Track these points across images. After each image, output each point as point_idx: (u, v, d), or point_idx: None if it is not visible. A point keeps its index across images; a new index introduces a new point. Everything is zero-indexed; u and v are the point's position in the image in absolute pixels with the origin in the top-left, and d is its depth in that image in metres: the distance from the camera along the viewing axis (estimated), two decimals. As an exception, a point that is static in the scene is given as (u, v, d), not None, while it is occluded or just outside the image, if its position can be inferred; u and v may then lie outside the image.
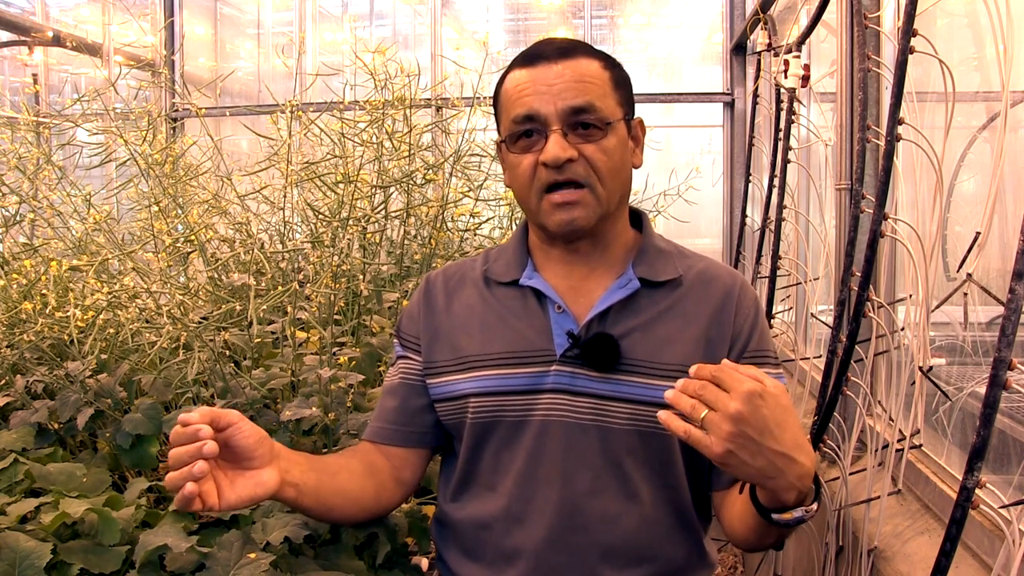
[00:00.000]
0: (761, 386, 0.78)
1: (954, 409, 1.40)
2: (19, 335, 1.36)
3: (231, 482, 0.87)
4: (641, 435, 1.00)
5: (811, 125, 2.45)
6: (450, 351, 1.07)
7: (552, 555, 1.00)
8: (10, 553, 0.91)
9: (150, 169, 1.71)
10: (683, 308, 1.04)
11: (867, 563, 1.42)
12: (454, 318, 1.09)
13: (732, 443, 0.78)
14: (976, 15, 1.46)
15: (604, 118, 0.98)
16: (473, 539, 1.06)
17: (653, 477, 1.02)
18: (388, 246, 1.92)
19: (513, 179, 1.04)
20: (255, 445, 0.88)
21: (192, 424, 0.83)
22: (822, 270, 2.20)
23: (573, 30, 4.33)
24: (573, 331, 1.01)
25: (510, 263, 1.09)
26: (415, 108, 1.87)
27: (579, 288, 1.05)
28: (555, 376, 1.01)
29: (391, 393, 1.13)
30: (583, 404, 1.01)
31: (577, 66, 0.99)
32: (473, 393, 1.04)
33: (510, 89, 1.02)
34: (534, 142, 0.99)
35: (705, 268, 1.08)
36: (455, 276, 1.13)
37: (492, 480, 1.05)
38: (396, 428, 1.11)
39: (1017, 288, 0.94)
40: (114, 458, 1.32)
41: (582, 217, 0.99)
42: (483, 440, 1.05)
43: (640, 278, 1.04)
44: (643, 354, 1.01)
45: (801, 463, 0.81)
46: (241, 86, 4.71)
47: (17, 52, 4.07)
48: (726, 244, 3.96)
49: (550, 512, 1.00)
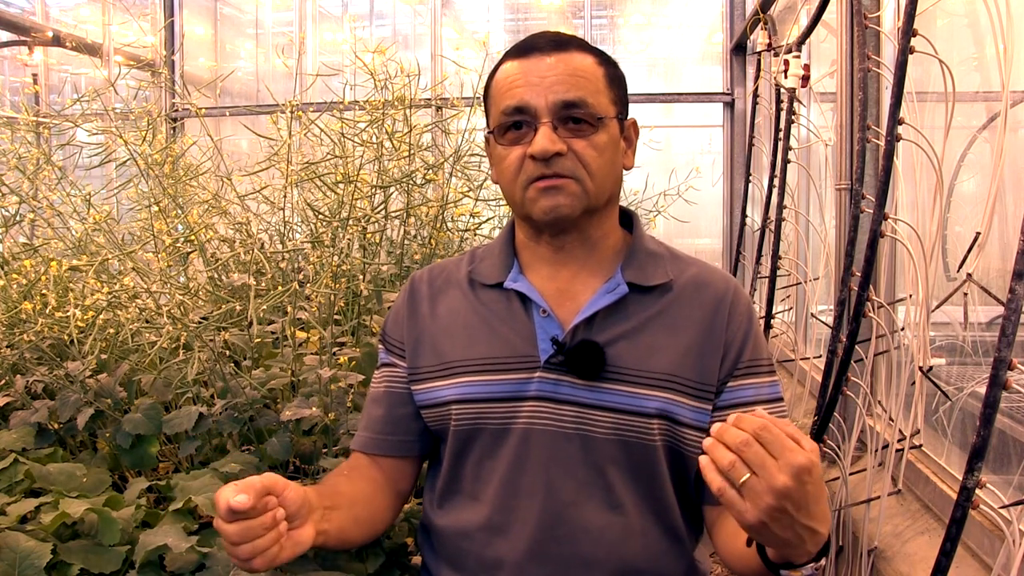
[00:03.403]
0: (810, 460, 0.70)
1: (954, 409, 1.40)
2: (19, 335, 1.36)
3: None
4: (625, 444, 0.97)
5: (811, 125, 2.45)
6: (433, 356, 1.05)
7: (534, 566, 0.97)
8: (10, 553, 0.92)
9: (150, 169, 1.71)
10: (673, 315, 1.00)
11: (867, 563, 1.42)
12: (438, 321, 1.06)
13: (769, 516, 0.71)
14: (976, 15, 1.46)
15: (595, 114, 0.96)
16: (455, 548, 1.03)
17: (638, 488, 0.99)
18: (388, 246, 1.92)
19: (500, 172, 1.01)
20: (299, 508, 0.88)
21: (246, 502, 0.80)
22: (822, 270, 2.20)
23: (573, 30, 4.33)
24: (558, 337, 0.98)
25: (495, 264, 1.06)
26: (415, 108, 1.87)
27: (565, 291, 1.02)
28: (539, 383, 0.98)
29: (377, 402, 1.10)
30: (566, 412, 0.98)
31: (571, 60, 0.97)
32: (455, 400, 1.01)
33: (501, 80, 1.00)
34: (523, 134, 0.97)
35: (697, 273, 1.04)
36: (439, 277, 1.10)
37: (474, 489, 1.02)
38: (384, 438, 1.08)
39: (1017, 288, 0.94)
40: (114, 458, 1.32)
41: (566, 204, 0.96)
42: (466, 448, 1.02)
43: (629, 282, 1.00)
44: (629, 362, 0.97)
45: (822, 533, 0.76)
46: (241, 86, 4.71)
47: (17, 52, 4.07)
48: (726, 244, 3.95)
49: (532, 523, 0.97)
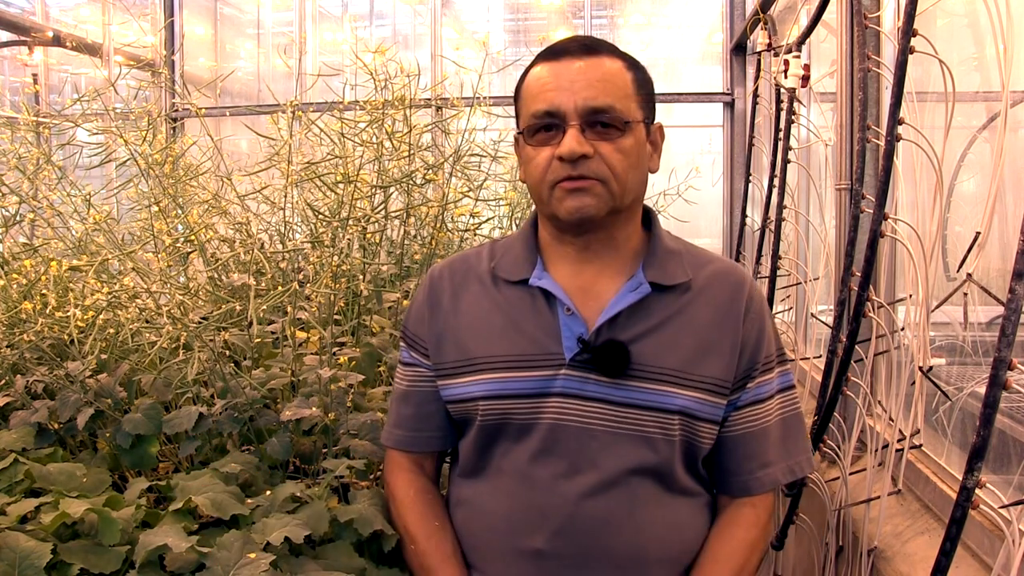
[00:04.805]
0: None
1: (954, 409, 1.40)
2: (19, 335, 1.36)
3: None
4: (647, 440, 1.00)
5: (811, 125, 2.45)
6: (458, 352, 1.07)
7: (555, 558, 1.00)
8: (10, 553, 0.91)
9: (150, 169, 1.71)
10: (691, 313, 1.03)
11: (867, 563, 1.42)
12: (461, 317, 1.08)
13: None
14: (976, 15, 1.46)
15: (622, 118, 0.98)
16: (476, 538, 1.06)
17: (656, 481, 1.02)
18: (388, 246, 1.92)
19: (528, 172, 1.04)
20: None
21: None
22: (822, 270, 2.20)
23: (573, 30, 4.32)
24: (583, 336, 1.01)
25: (519, 261, 1.08)
26: (415, 108, 1.87)
27: (589, 289, 1.05)
28: (564, 380, 1.01)
29: (404, 400, 1.14)
30: (593, 409, 1.01)
31: (600, 65, 0.99)
32: (482, 396, 1.04)
33: (532, 83, 1.03)
34: (552, 136, 0.99)
35: (714, 271, 1.08)
36: (460, 271, 1.12)
37: (498, 480, 1.05)
38: (416, 435, 1.13)
39: (1017, 288, 0.94)
40: (114, 458, 1.32)
41: (592, 205, 0.99)
42: (491, 440, 1.06)
43: (651, 282, 1.03)
44: (652, 360, 1.01)
45: None
46: (241, 86, 4.71)
47: (17, 52, 4.07)
48: (726, 244, 3.95)
49: (553, 515, 1.00)
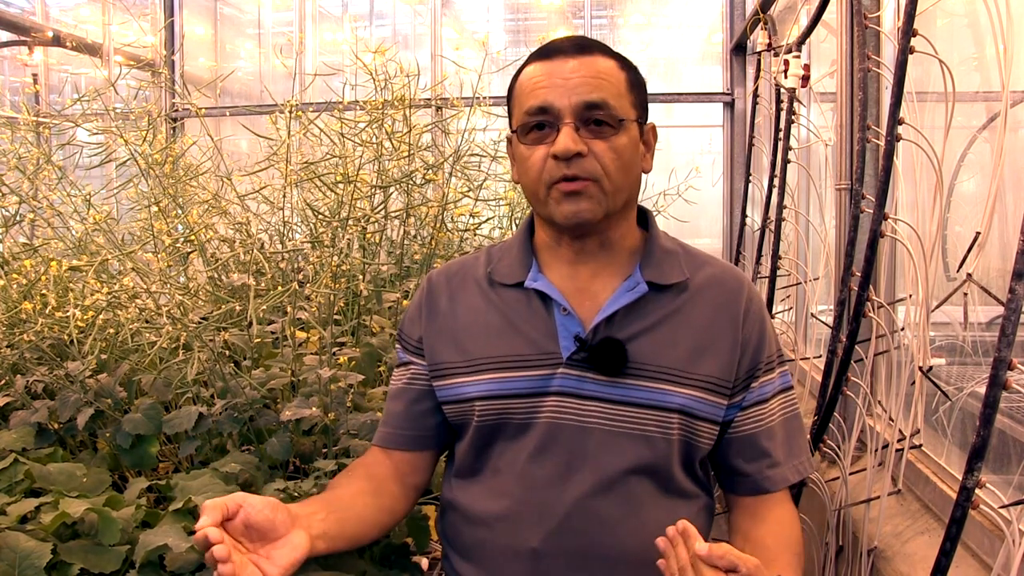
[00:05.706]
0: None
1: (954, 409, 1.40)
2: (19, 335, 1.36)
3: (268, 557, 0.86)
4: (646, 439, 1.00)
5: (811, 125, 2.45)
6: (456, 352, 1.07)
7: (551, 557, 0.99)
8: (10, 553, 0.91)
9: (150, 169, 1.71)
10: (689, 312, 1.03)
11: (867, 563, 1.42)
12: (459, 319, 1.09)
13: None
14: (976, 15, 1.46)
15: (616, 115, 0.98)
16: (473, 537, 1.06)
17: (654, 481, 1.02)
18: (388, 246, 1.92)
19: (522, 172, 1.03)
20: (272, 515, 0.87)
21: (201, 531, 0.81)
22: (822, 270, 2.20)
23: (573, 30, 4.32)
24: (580, 335, 1.01)
25: (514, 264, 1.08)
26: (415, 108, 1.87)
27: (585, 290, 1.05)
28: (561, 379, 1.01)
29: (396, 398, 1.13)
30: (590, 408, 1.01)
31: (593, 63, 1.00)
32: (479, 396, 1.04)
33: (525, 82, 1.02)
34: (546, 135, 0.99)
35: (712, 271, 1.07)
36: (457, 275, 1.12)
37: (494, 480, 1.05)
38: (402, 432, 1.11)
39: (1017, 288, 0.94)
40: (114, 458, 1.32)
41: (588, 210, 0.99)
42: (489, 440, 1.05)
43: (647, 281, 1.03)
44: (650, 358, 1.00)
45: None
46: (241, 86, 4.71)
47: (17, 52, 4.07)
48: (726, 244, 3.96)
49: (550, 514, 1.00)
